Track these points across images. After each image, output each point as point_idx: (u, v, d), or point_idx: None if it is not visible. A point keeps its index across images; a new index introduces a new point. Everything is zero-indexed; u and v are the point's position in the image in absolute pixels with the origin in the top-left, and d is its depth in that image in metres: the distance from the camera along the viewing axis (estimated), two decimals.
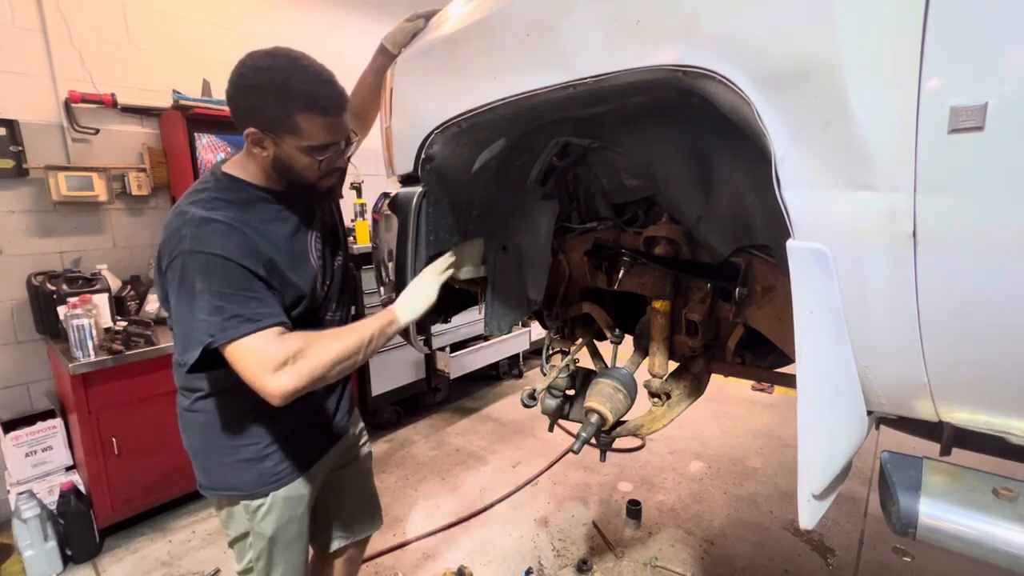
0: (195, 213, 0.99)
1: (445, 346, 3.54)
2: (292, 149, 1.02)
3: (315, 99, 0.99)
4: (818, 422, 0.71)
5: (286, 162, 1.04)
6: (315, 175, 1.06)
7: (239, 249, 0.97)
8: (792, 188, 0.65)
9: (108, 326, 2.39)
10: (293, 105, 0.98)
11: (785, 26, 0.63)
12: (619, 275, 1.20)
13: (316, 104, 0.99)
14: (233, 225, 0.99)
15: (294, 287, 1.08)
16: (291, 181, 1.09)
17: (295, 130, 1.00)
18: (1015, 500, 0.64)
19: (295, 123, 0.99)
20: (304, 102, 0.98)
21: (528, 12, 0.90)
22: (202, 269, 0.94)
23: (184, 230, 0.96)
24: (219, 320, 0.93)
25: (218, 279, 0.94)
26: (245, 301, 0.95)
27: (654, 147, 1.08)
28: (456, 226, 1.23)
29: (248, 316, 0.94)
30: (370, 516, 1.49)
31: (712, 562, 2.15)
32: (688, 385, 1.20)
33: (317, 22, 3.62)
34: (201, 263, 0.94)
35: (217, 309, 0.93)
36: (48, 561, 2.14)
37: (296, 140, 1.01)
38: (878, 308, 0.63)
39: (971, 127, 0.53)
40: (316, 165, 1.04)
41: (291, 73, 0.99)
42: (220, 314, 0.93)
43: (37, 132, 2.49)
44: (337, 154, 1.07)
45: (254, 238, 1.01)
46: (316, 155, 1.03)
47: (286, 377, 0.92)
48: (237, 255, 0.96)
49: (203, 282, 0.94)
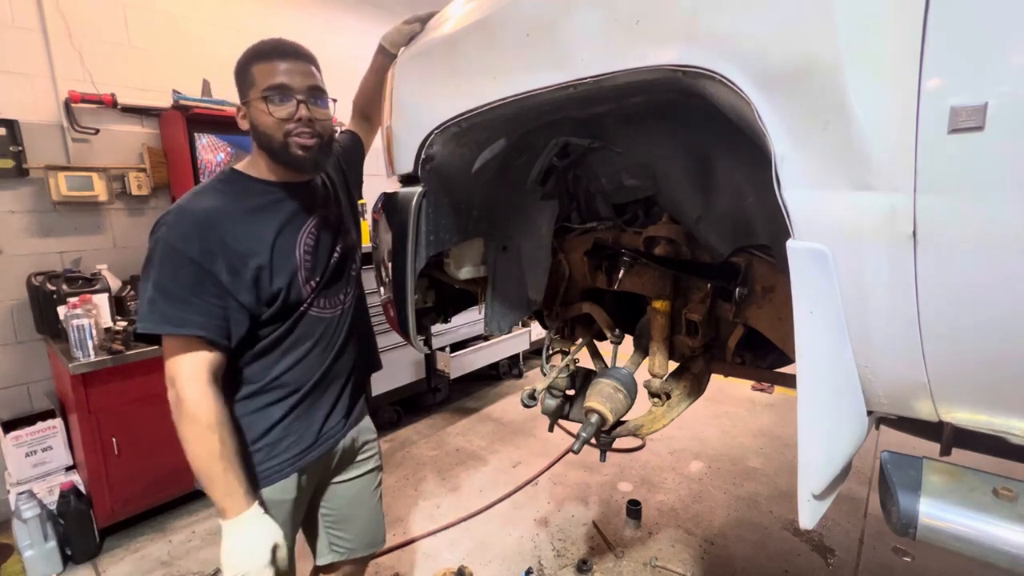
0: (184, 201, 1.05)
1: (445, 346, 3.54)
2: (255, 105, 1.06)
3: (267, 48, 1.07)
4: (818, 422, 0.71)
5: (257, 126, 1.07)
6: (277, 129, 1.05)
7: (204, 248, 1.00)
8: (792, 188, 0.65)
9: (108, 326, 2.39)
10: (251, 62, 1.06)
11: (785, 26, 0.63)
12: (619, 275, 1.20)
13: (265, 51, 1.06)
14: (210, 215, 1.03)
15: (269, 280, 1.07)
16: (264, 146, 1.09)
17: (252, 81, 1.05)
18: (1015, 500, 0.64)
19: (251, 75, 1.06)
20: (256, 55, 1.06)
21: (528, 12, 0.90)
22: (160, 257, 1.00)
23: (169, 216, 1.02)
24: (147, 311, 0.99)
25: (168, 273, 0.99)
26: (181, 303, 0.99)
27: (654, 147, 1.08)
28: (456, 226, 1.23)
29: (172, 318, 0.99)
30: (370, 535, 1.41)
31: (712, 562, 2.15)
32: (688, 385, 1.20)
33: (317, 22, 3.62)
34: (163, 251, 1.00)
35: (152, 301, 0.99)
36: (48, 561, 2.14)
37: (255, 92, 1.05)
38: (878, 308, 0.63)
39: (971, 127, 0.53)
40: (268, 109, 1.04)
41: (261, 42, 1.08)
42: (152, 306, 0.99)
43: (37, 132, 2.49)
44: (295, 103, 1.06)
45: (229, 229, 1.04)
46: (267, 98, 1.04)
47: (171, 396, 1.00)
48: (197, 252, 1.00)
49: (157, 270, 1.00)
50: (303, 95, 1.06)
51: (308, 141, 1.08)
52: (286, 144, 1.07)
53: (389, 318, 1.37)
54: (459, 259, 1.34)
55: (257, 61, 1.06)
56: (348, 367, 1.28)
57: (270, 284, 1.07)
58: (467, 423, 3.51)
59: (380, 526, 1.45)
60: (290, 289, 1.10)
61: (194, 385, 0.99)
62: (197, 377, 0.99)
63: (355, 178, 1.43)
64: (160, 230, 1.01)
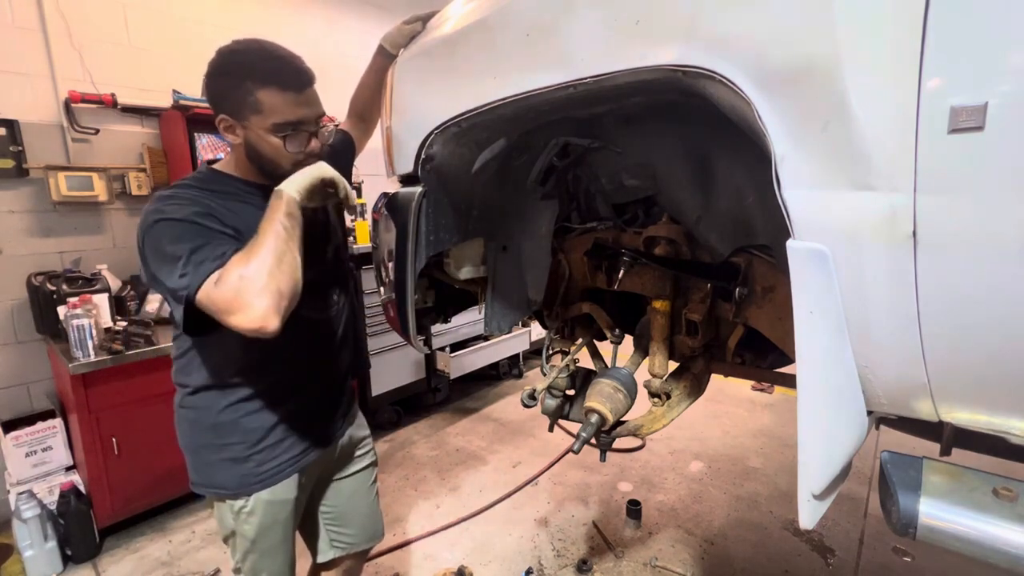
0: (161, 192, 1.02)
1: (445, 346, 3.54)
2: (258, 131, 1.01)
3: (274, 73, 0.99)
4: (818, 422, 0.71)
5: (256, 147, 1.03)
6: (286, 158, 1.03)
7: (200, 214, 0.97)
8: (792, 188, 0.65)
9: (108, 326, 2.39)
10: (252, 82, 0.98)
11: (785, 26, 0.63)
12: (619, 275, 1.19)
13: (275, 78, 0.99)
14: (195, 197, 1.00)
15: None
16: (266, 170, 1.06)
17: (257, 108, 0.99)
18: (1015, 500, 0.64)
19: (256, 101, 0.99)
20: (263, 77, 0.98)
21: (528, 12, 0.90)
22: (168, 234, 0.95)
23: (149, 207, 0.99)
24: (191, 270, 0.91)
25: (186, 237, 0.94)
26: (212, 248, 0.93)
27: (654, 147, 1.08)
28: (456, 226, 1.23)
29: (209, 258, 0.92)
30: (370, 529, 1.45)
31: (712, 562, 2.15)
32: (688, 385, 1.20)
33: (317, 22, 3.62)
34: (162, 227, 0.95)
35: (186, 262, 0.92)
36: (48, 561, 2.14)
37: (260, 120, 1.00)
38: (878, 308, 0.63)
39: (971, 127, 0.53)
40: (283, 146, 1.02)
41: (253, 52, 1.00)
42: (188, 265, 0.91)
43: (37, 132, 2.49)
44: (306, 136, 1.04)
45: (219, 210, 1.01)
46: (280, 134, 1.01)
47: (249, 312, 0.88)
48: (199, 217, 0.96)
49: (171, 243, 0.94)
50: (314, 127, 1.05)
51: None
52: (291, 172, 1.04)
53: (389, 318, 1.37)
54: (459, 259, 1.34)
55: (266, 86, 0.99)
56: (343, 367, 1.30)
57: None
58: (467, 423, 3.51)
59: (379, 520, 1.48)
60: None
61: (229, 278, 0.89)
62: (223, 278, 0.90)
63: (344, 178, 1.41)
64: (148, 218, 0.97)
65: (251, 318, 0.87)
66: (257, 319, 0.87)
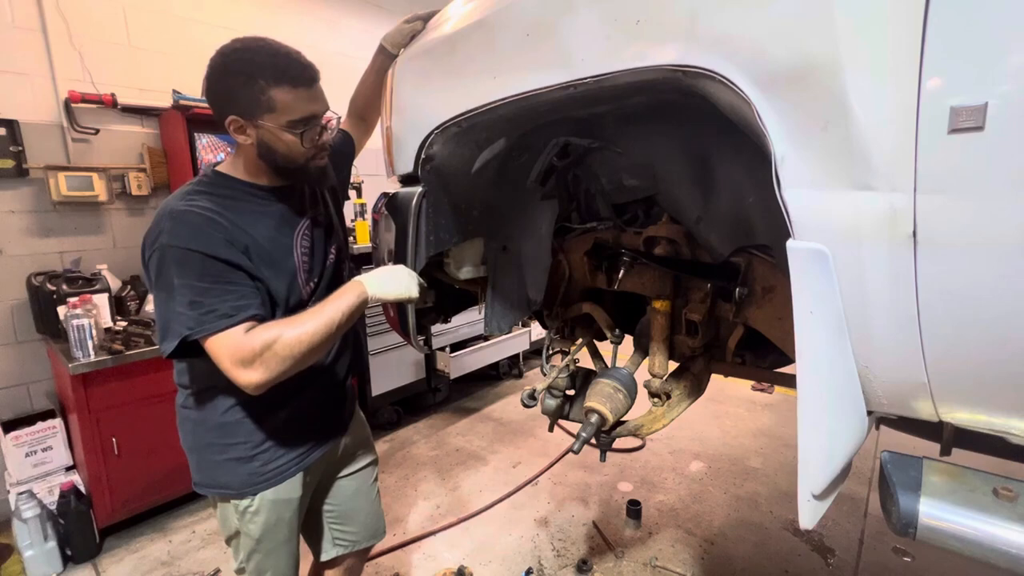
0: (175, 206, 1.00)
1: (445, 346, 3.53)
2: (273, 129, 1.01)
3: (284, 70, 1.00)
4: (818, 422, 0.71)
5: (271, 145, 1.04)
6: (301, 154, 1.05)
7: (216, 241, 0.97)
8: (792, 188, 0.65)
9: (108, 326, 2.39)
10: (264, 80, 0.98)
11: (785, 26, 0.63)
12: (619, 275, 1.20)
13: (286, 75, 1.00)
14: (210, 216, 0.99)
15: (269, 281, 1.06)
16: (280, 167, 1.07)
17: (271, 106, 1.00)
18: (1015, 500, 0.64)
19: (270, 99, 0.99)
20: (274, 75, 0.99)
21: (528, 12, 0.90)
22: (179, 263, 0.95)
23: (163, 223, 0.98)
24: (196, 315, 0.93)
25: (194, 273, 0.95)
26: (222, 295, 0.95)
27: (654, 147, 1.08)
28: (456, 226, 1.23)
29: (224, 311, 0.94)
30: (372, 527, 1.46)
31: (712, 562, 2.15)
32: (688, 385, 1.20)
33: (317, 22, 3.62)
34: (177, 257, 0.95)
35: (194, 304, 0.93)
36: (48, 561, 2.14)
37: (275, 118, 1.01)
38: (878, 308, 0.63)
39: (971, 127, 0.53)
40: (299, 141, 1.03)
41: (260, 51, 1.00)
42: (197, 308, 0.93)
43: (37, 132, 2.49)
44: (319, 128, 1.06)
45: (231, 228, 1.01)
46: (297, 129, 1.02)
47: (258, 371, 0.93)
48: (214, 248, 0.96)
49: (180, 277, 0.94)
50: (321, 120, 1.07)
51: (323, 162, 1.11)
52: (305, 167, 1.07)
53: (389, 318, 1.38)
54: (459, 259, 1.34)
55: (279, 84, 0.99)
56: (345, 366, 1.30)
57: (269, 282, 1.06)
58: (467, 423, 3.51)
59: (380, 517, 1.50)
60: (290, 291, 1.10)
61: (259, 359, 0.94)
62: (255, 351, 0.94)
63: (342, 179, 1.42)
64: (160, 238, 0.96)
65: (241, 383, 0.94)
66: (246, 387, 0.94)
